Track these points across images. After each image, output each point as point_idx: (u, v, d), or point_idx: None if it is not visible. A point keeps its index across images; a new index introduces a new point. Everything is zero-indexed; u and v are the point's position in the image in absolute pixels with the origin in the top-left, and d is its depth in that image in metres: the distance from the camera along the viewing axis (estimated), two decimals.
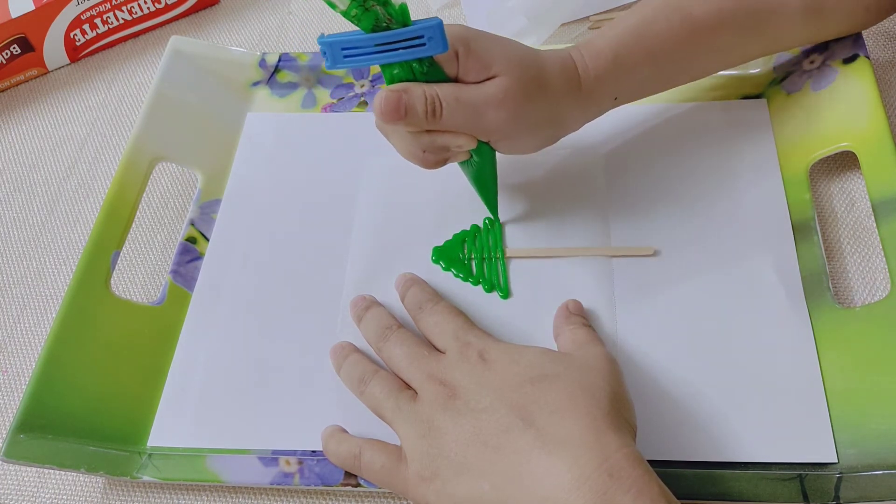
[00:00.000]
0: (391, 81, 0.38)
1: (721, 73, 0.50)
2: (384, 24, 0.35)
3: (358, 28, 0.35)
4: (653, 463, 0.37)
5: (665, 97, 0.50)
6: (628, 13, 0.42)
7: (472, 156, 0.42)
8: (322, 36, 0.36)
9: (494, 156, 0.42)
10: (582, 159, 0.48)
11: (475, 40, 0.38)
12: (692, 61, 0.43)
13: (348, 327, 0.44)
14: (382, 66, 0.38)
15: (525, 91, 0.39)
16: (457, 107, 0.38)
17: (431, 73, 0.38)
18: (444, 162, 0.42)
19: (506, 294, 0.44)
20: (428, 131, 0.39)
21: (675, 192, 0.46)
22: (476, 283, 0.45)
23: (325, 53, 0.36)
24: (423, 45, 0.36)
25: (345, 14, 0.34)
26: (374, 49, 0.36)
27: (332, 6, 0.34)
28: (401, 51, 0.36)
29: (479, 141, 0.40)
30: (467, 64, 0.38)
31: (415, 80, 0.38)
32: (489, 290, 0.44)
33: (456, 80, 0.39)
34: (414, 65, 0.37)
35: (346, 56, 0.36)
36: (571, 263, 0.45)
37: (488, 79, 0.38)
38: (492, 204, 0.46)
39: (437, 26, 0.35)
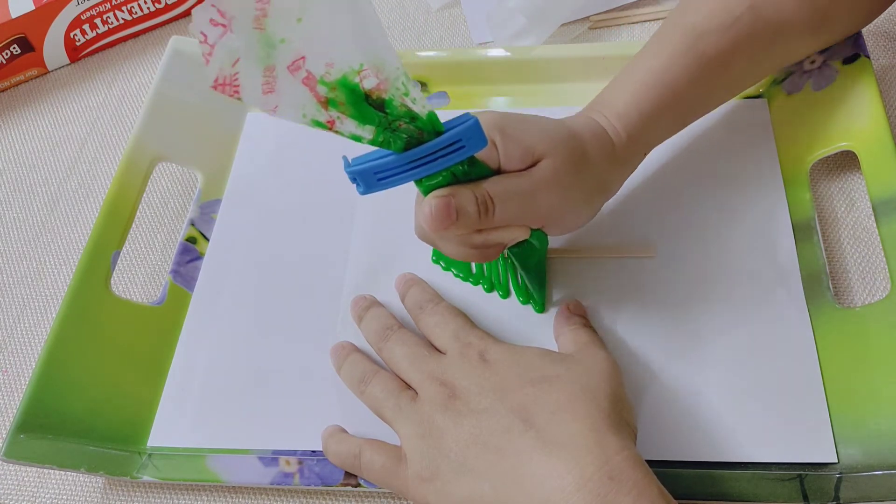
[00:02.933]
0: (430, 190, 0.35)
1: None
2: (416, 138, 0.32)
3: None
4: (652, 463, 0.37)
5: None
6: (639, 61, 0.41)
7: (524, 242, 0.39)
8: (348, 163, 0.33)
9: (546, 240, 0.40)
10: None
11: (510, 125, 0.36)
12: (709, 97, 0.42)
13: (348, 327, 0.44)
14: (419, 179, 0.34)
15: (574, 168, 0.37)
16: (508, 200, 0.35)
17: (472, 170, 0.35)
18: (499, 253, 0.39)
19: (506, 294, 0.44)
20: (479, 230, 0.36)
21: (675, 193, 0.46)
22: (476, 282, 0.45)
23: (355, 180, 0.33)
24: (462, 147, 0.33)
25: (373, 143, 0.32)
26: (411, 166, 0.33)
27: (358, 139, 0.31)
28: (439, 160, 0.33)
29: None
30: (508, 151, 0.36)
31: (456, 181, 0.35)
32: (489, 290, 0.44)
33: (498, 169, 0.36)
34: (453, 167, 0.34)
35: (380, 180, 0.33)
36: (571, 264, 0.45)
37: (533, 163, 0.36)
38: (540, 291, 0.43)
39: (474, 126, 0.32)
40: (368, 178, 0.33)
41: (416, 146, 0.32)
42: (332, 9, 0.28)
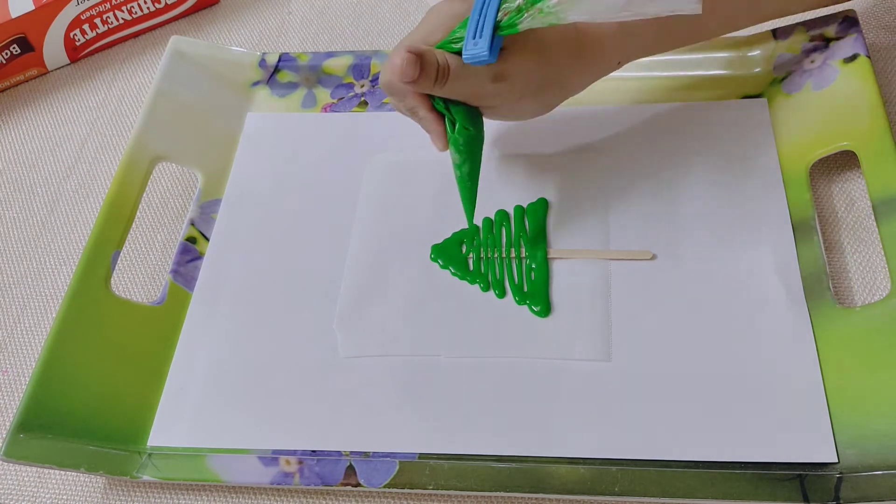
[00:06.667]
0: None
1: (721, 72, 0.50)
2: None
3: None
4: (653, 463, 0.37)
5: (665, 97, 0.50)
6: None
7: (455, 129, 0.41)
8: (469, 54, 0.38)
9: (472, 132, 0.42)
10: (581, 160, 0.48)
11: None
12: (695, 26, 0.42)
13: (346, 327, 0.44)
14: None
15: (531, 58, 0.39)
16: (462, 78, 0.39)
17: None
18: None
19: (502, 294, 0.44)
20: (414, 104, 0.40)
21: (674, 192, 0.46)
22: (473, 281, 0.45)
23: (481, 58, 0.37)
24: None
25: None
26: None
27: None
28: None
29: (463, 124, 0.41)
30: None
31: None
32: (485, 289, 0.44)
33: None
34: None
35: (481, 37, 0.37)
36: (569, 265, 0.45)
37: None
38: (470, 202, 0.44)
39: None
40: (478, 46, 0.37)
41: None
42: None
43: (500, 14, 0.37)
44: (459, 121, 0.40)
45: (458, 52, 0.38)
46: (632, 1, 0.34)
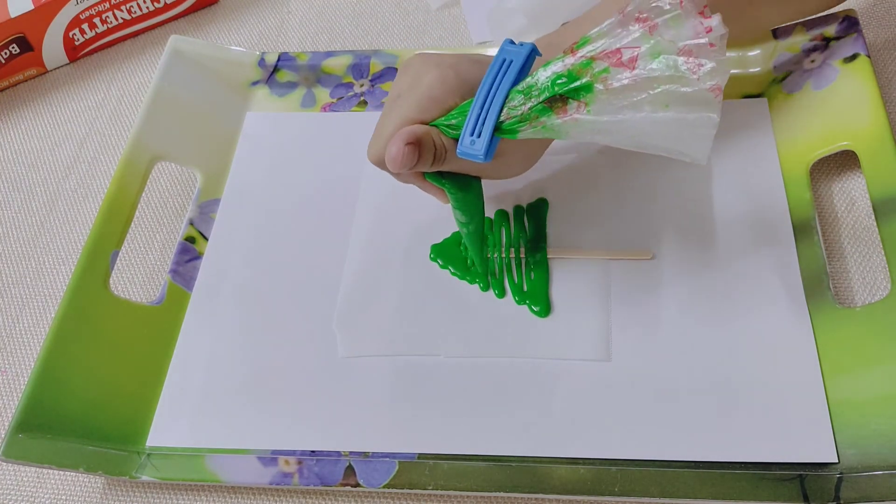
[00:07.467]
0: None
1: None
2: None
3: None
4: (653, 463, 0.37)
5: None
6: (594, 14, 0.41)
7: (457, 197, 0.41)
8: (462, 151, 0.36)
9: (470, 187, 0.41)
10: (581, 160, 0.48)
11: (465, 82, 0.38)
12: None
13: (345, 326, 0.44)
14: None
15: (517, 140, 0.38)
16: (457, 158, 0.37)
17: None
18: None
19: (502, 293, 0.44)
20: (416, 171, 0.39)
21: (674, 192, 0.46)
22: (472, 281, 0.45)
23: (482, 154, 0.36)
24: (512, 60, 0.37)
25: None
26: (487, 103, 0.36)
27: None
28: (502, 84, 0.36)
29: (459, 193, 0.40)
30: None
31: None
32: (485, 288, 0.44)
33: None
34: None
35: (479, 136, 0.36)
36: (569, 265, 0.44)
37: None
38: (476, 248, 0.44)
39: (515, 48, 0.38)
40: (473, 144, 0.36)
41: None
42: None
43: (502, 113, 0.35)
44: (456, 192, 0.40)
45: (454, 138, 0.37)
46: (638, 143, 0.34)
